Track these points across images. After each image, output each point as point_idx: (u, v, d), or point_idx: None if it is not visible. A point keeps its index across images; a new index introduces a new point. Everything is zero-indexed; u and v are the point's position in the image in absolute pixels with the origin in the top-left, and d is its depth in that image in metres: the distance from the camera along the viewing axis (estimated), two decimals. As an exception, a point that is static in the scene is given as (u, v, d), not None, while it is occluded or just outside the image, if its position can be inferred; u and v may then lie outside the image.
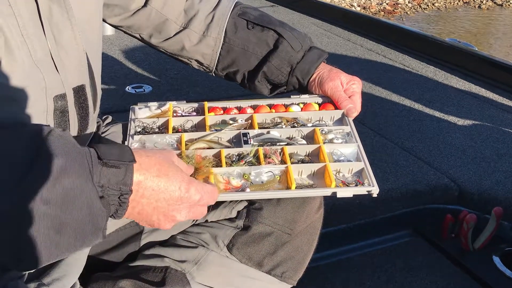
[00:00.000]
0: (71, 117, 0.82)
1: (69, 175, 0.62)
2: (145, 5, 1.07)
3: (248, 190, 0.85)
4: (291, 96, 1.08)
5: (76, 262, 0.80)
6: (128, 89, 2.39)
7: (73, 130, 0.84)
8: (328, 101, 1.06)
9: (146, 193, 0.71)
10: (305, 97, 1.08)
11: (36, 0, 0.74)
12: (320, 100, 1.07)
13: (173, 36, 1.11)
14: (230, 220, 0.97)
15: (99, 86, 0.92)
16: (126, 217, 0.72)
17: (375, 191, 0.85)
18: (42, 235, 0.60)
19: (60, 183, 0.61)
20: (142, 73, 2.59)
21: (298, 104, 1.06)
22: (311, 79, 1.08)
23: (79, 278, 0.82)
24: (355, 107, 1.02)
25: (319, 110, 1.05)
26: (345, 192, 0.85)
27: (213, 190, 0.78)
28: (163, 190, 0.71)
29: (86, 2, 0.86)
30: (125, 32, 1.13)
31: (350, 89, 1.05)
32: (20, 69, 0.71)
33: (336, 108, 1.04)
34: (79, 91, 0.83)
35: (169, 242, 0.97)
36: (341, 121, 1.03)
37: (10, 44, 0.70)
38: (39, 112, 0.76)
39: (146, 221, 0.74)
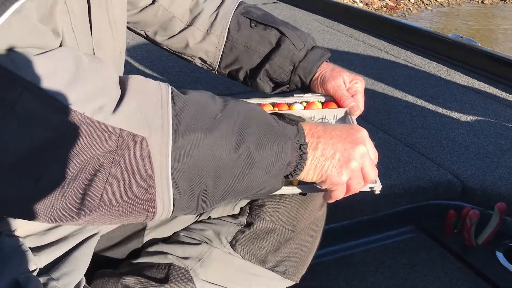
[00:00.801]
0: None
1: (257, 121, 0.71)
2: (153, 2, 1.09)
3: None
4: (294, 95, 1.08)
5: (83, 258, 0.81)
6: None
7: None
8: (331, 100, 1.06)
9: (320, 134, 0.77)
10: (308, 96, 1.08)
11: (89, 1, 0.76)
12: (323, 99, 1.07)
13: (177, 33, 1.12)
14: (233, 216, 0.98)
15: None
16: (310, 177, 0.78)
17: (377, 187, 0.86)
18: (239, 168, 0.69)
19: (251, 127, 0.70)
20: (145, 70, 2.60)
21: (301, 103, 1.06)
22: (314, 78, 1.09)
23: (84, 275, 0.83)
24: (357, 105, 1.03)
25: (322, 108, 1.05)
26: None
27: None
28: (332, 128, 0.79)
29: (119, 4, 0.87)
30: (130, 29, 1.14)
31: (353, 88, 1.06)
32: None
33: (339, 106, 1.04)
34: None
35: (172, 239, 0.98)
36: (344, 120, 1.03)
37: (65, 41, 0.72)
38: None
39: (331, 162, 0.77)
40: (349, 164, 0.78)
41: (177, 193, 0.65)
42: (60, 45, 0.73)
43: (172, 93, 0.67)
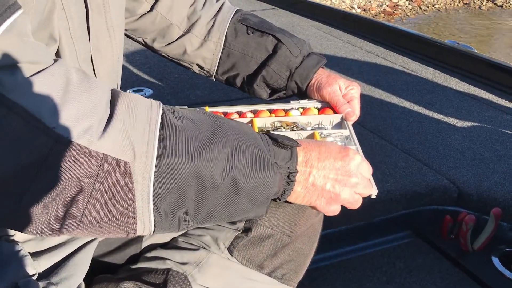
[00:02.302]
0: None
1: (247, 148, 0.71)
2: (151, 9, 1.11)
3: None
4: (291, 101, 1.09)
5: (82, 263, 0.82)
6: (129, 92, 2.40)
7: None
8: (327, 106, 1.07)
9: (314, 163, 0.78)
10: (304, 102, 1.09)
11: (87, 7, 0.77)
12: (319, 105, 1.08)
13: (175, 40, 1.14)
14: (231, 222, 0.98)
15: None
16: (299, 202, 0.81)
17: (374, 192, 0.86)
18: (223, 195, 0.69)
19: (240, 156, 0.70)
20: (143, 76, 2.61)
21: (297, 109, 1.07)
22: (310, 84, 1.10)
23: (83, 280, 0.84)
24: (353, 111, 1.04)
25: (318, 114, 1.06)
26: None
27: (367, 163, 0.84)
28: (327, 156, 0.79)
29: (117, 10, 0.88)
30: (128, 36, 1.15)
31: (348, 94, 1.07)
32: None
33: (335, 112, 1.05)
34: None
35: (171, 245, 0.98)
36: (340, 125, 1.04)
37: (63, 46, 0.73)
38: None
39: (321, 193, 0.79)
40: (338, 197, 0.80)
41: (158, 215, 0.66)
42: (57, 51, 0.74)
43: (162, 114, 0.68)
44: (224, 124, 0.72)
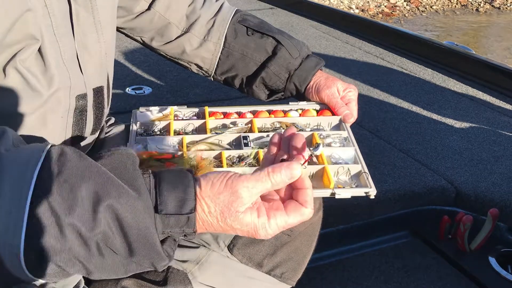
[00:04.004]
0: (88, 116, 0.87)
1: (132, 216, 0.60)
2: (148, 8, 1.10)
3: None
4: (290, 103, 1.10)
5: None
6: (128, 90, 2.40)
7: (88, 129, 0.88)
8: (326, 108, 1.08)
9: (212, 228, 0.67)
10: (303, 104, 1.10)
11: (70, 2, 0.78)
12: (318, 107, 1.09)
13: (174, 39, 1.13)
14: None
15: (111, 88, 0.95)
16: None
17: (372, 192, 0.87)
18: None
19: (122, 226, 0.60)
20: (142, 74, 2.61)
21: (296, 110, 1.08)
22: (308, 86, 1.11)
23: (83, 277, 0.84)
24: (351, 113, 1.04)
25: (316, 116, 1.07)
26: (343, 193, 0.87)
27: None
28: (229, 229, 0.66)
29: (107, 6, 0.88)
30: (126, 35, 1.16)
31: (346, 97, 1.08)
32: (51, 68, 0.76)
33: (334, 114, 1.06)
34: (98, 92, 0.88)
35: (171, 243, 0.99)
36: (338, 127, 1.05)
37: (45, 44, 0.74)
38: (62, 110, 0.81)
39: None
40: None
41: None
42: (40, 50, 0.74)
43: (32, 203, 0.56)
44: (115, 203, 0.59)
